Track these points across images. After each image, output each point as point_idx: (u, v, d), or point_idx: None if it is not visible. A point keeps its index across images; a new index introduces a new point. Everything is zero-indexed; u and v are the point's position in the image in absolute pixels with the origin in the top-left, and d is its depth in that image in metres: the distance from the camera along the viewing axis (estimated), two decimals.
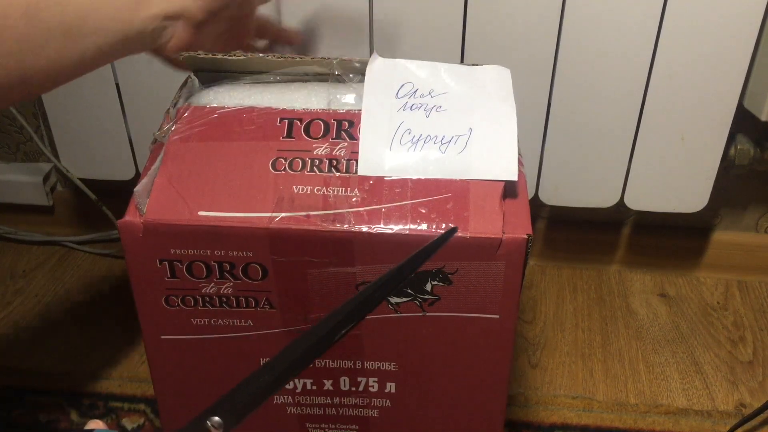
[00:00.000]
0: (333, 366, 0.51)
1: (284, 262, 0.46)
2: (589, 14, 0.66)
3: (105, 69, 0.74)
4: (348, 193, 0.46)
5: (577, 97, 0.71)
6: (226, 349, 0.50)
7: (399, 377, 0.51)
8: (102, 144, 0.80)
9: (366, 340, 0.49)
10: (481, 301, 0.46)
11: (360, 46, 0.70)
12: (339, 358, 0.51)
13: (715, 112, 0.70)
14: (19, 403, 0.72)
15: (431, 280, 0.46)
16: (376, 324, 0.48)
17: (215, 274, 0.46)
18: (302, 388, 0.52)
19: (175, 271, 0.47)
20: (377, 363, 0.50)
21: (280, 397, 0.53)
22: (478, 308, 0.47)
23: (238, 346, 0.50)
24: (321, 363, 0.51)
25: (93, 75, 0.76)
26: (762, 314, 0.86)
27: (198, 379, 0.52)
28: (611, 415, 0.71)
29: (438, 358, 0.50)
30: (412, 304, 0.47)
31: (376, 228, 0.44)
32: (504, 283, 0.46)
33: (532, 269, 0.93)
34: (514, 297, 0.46)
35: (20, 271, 0.92)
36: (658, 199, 0.77)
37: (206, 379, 0.52)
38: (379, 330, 0.48)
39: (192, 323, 0.49)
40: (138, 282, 0.48)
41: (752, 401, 0.73)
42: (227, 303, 0.48)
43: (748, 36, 0.66)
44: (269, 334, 0.49)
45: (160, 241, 0.45)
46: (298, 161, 0.47)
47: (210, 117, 0.49)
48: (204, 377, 0.52)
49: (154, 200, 0.46)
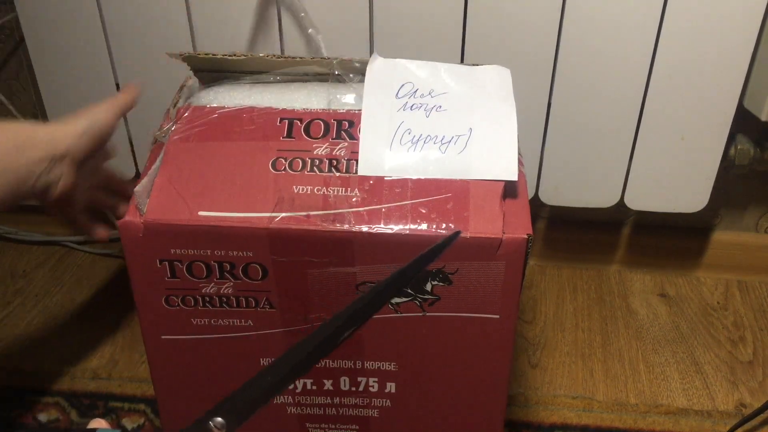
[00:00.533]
0: (333, 366, 0.51)
1: (284, 262, 0.46)
2: (590, 14, 0.66)
3: (105, 68, 0.74)
4: (348, 193, 0.46)
5: (577, 97, 0.71)
6: (226, 349, 0.50)
7: (399, 377, 0.51)
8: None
9: (366, 340, 0.49)
10: (481, 301, 0.46)
11: (360, 46, 0.70)
12: (339, 358, 0.51)
13: (715, 112, 0.70)
14: (19, 403, 0.72)
15: (431, 280, 0.46)
16: (377, 324, 0.48)
17: (215, 274, 0.46)
18: (302, 388, 0.52)
19: (176, 271, 0.46)
20: (377, 363, 0.50)
21: (281, 397, 0.53)
22: (478, 308, 0.47)
23: (238, 346, 0.50)
24: (321, 363, 0.51)
25: (93, 74, 0.76)
26: (762, 314, 0.86)
27: (198, 379, 0.52)
28: (611, 415, 0.71)
29: (438, 358, 0.50)
30: (413, 304, 0.47)
31: (376, 228, 0.44)
32: (504, 283, 0.45)
33: (532, 269, 0.93)
34: (514, 297, 0.46)
35: (20, 271, 0.92)
36: (658, 199, 0.77)
37: (206, 378, 0.52)
38: (380, 330, 0.48)
39: (192, 323, 0.49)
40: (138, 282, 0.48)
41: (752, 401, 0.73)
42: (227, 303, 0.48)
43: (748, 36, 0.66)
44: (269, 334, 0.49)
45: (160, 241, 0.45)
46: (299, 161, 0.47)
47: (210, 117, 0.50)
48: (204, 377, 0.52)
49: (154, 200, 0.45)
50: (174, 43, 0.72)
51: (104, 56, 0.74)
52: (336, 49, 0.70)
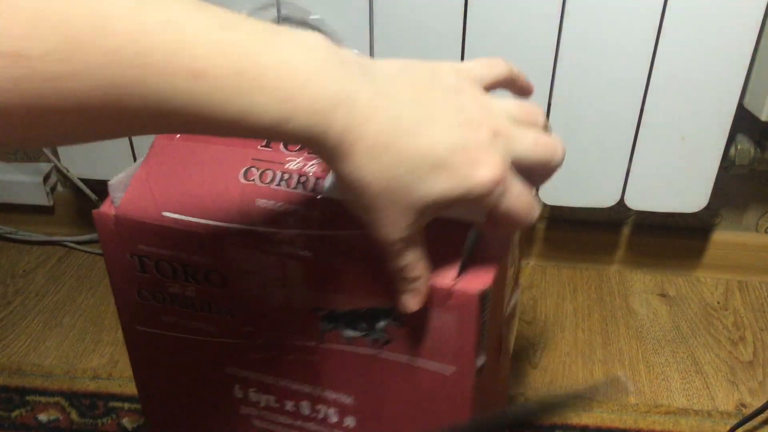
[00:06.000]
0: (294, 387, 0.49)
1: (239, 274, 0.44)
2: (590, 14, 0.66)
3: None
4: (309, 213, 0.43)
5: (577, 97, 0.71)
6: (194, 352, 0.49)
7: (358, 413, 0.48)
8: (102, 144, 0.80)
9: (322, 367, 0.47)
10: (434, 349, 0.43)
11: (360, 46, 0.70)
12: (299, 381, 0.48)
13: (715, 112, 0.70)
14: (19, 403, 0.72)
15: (383, 318, 0.43)
16: (332, 353, 0.46)
17: (180, 276, 0.46)
18: (265, 403, 0.51)
19: (145, 267, 0.46)
20: (335, 393, 0.48)
21: (247, 408, 0.52)
22: (433, 356, 0.43)
23: (205, 350, 0.49)
24: (282, 382, 0.49)
25: None
26: (762, 314, 0.86)
27: (173, 374, 0.52)
28: (611, 415, 0.71)
29: (396, 402, 0.46)
30: (366, 341, 0.44)
31: (331, 254, 0.42)
32: (458, 335, 0.41)
33: (532, 269, 0.93)
34: (470, 351, 0.42)
35: (20, 271, 0.92)
36: (658, 199, 0.77)
37: (180, 374, 0.52)
38: (336, 360, 0.46)
39: (163, 320, 0.48)
40: (113, 272, 0.48)
41: (752, 401, 0.73)
42: (192, 306, 0.47)
43: (748, 36, 0.66)
44: (230, 344, 0.48)
45: (130, 235, 0.45)
46: (269, 173, 0.45)
47: None
48: (177, 372, 0.52)
49: (129, 194, 0.45)
50: None
51: None
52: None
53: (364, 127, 0.31)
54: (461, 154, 0.32)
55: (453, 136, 0.32)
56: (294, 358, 0.47)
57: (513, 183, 0.35)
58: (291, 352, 0.47)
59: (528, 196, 0.36)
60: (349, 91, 0.30)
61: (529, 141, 0.35)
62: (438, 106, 0.33)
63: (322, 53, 0.31)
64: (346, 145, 0.31)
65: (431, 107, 0.33)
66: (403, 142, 0.31)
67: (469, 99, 0.35)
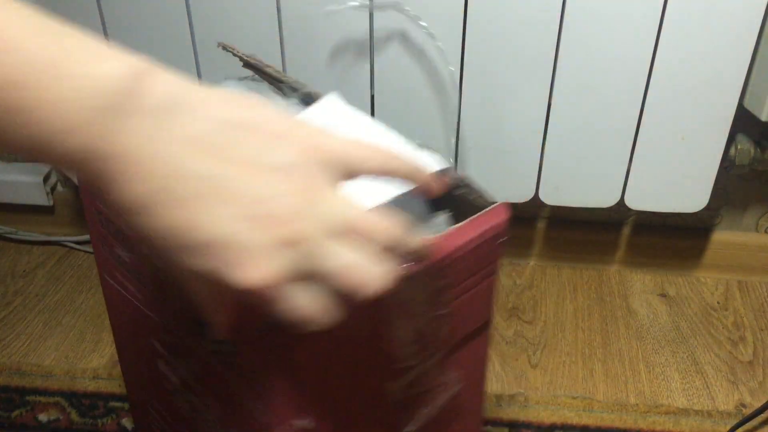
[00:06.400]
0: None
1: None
2: (590, 14, 0.66)
3: None
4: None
5: (577, 97, 0.71)
6: (133, 314, 0.50)
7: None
8: None
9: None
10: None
11: (360, 46, 0.70)
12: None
13: (715, 112, 0.70)
14: (19, 403, 0.72)
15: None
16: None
17: (121, 239, 0.47)
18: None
19: (104, 224, 0.48)
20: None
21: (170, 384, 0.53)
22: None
23: (137, 315, 0.50)
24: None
25: None
26: (762, 314, 0.86)
27: (129, 325, 0.54)
28: (611, 415, 0.71)
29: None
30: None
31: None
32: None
33: (533, 269, 0.93)
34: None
35: (20, 271, 0.92)
36: (658, 199, 0.77)
37: (126, 337, 0.54)
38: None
39: (116, 275, 0.50)
40: (90, 220, 0.50)
41: (752, 401, 0.73)
42: (130, 270, 0.48)
43: (748, 36, 0.66)
44: (153, 319, 0.48)
45: (92, 191, 0.47)
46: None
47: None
48: (125, 333, 0.54)
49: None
50: (174, 42, 0.72)
51: None
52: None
53: (127, 185, 0.28)
54: (223, 250, 0.28)
55: (227, 227, 0.28)
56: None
57: (298, 292, 0.30)
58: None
59: (319, 304, 0.30)
60: (112, 146, 0.28)
61: (338, 264, 0.30)
62: (237, 188, 0.28)
63: (98, 100, 0.28)
64: (110, 196, 0.29)
65: (226, 186, 0.28)
66: (163, 211, 0.28)
67: (292, 190, 0.29)
